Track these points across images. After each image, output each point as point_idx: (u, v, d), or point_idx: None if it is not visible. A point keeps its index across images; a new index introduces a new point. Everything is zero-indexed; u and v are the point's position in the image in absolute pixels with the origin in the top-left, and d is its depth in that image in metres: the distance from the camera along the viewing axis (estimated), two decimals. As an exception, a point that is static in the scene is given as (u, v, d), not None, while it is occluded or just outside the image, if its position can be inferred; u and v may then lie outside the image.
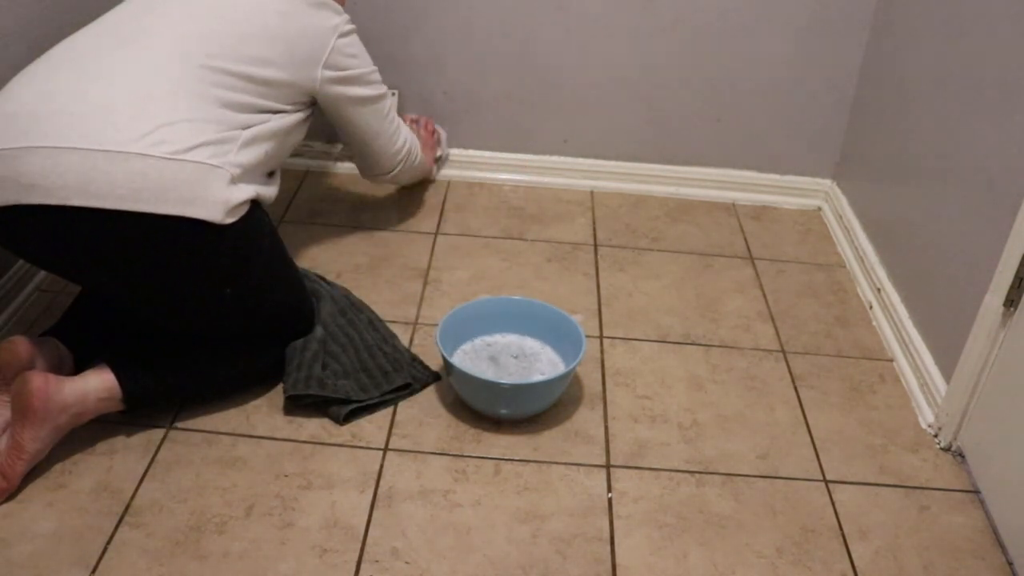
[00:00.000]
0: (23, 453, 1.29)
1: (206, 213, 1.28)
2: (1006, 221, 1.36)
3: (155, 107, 1.29)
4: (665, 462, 1.44)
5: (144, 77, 1.31)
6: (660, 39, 2.03)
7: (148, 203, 1.25)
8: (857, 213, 2.01)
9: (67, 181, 1.23)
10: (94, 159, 1.23)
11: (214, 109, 1.35)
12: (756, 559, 1.29)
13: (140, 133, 1.26)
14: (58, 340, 1.44)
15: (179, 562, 1.23)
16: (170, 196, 1.26)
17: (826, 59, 2.03)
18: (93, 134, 1.24)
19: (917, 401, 1.58)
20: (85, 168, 1.23)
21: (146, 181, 1.24)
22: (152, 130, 1.27)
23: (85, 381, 1.34)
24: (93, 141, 1.24)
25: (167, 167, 1.26)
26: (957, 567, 1.29)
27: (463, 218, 2.05)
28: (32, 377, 1.29)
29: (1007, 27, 1.43)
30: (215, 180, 1.30)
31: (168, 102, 1.30)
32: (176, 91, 1.32)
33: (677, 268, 1.93)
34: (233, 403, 1.48)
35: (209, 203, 1.29)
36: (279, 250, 1.49)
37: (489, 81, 2.11)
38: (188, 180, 1.27)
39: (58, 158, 1.23)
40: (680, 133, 2.15)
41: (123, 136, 1.25)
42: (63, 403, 1.30)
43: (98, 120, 1.26)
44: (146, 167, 1.24)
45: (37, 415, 1.28)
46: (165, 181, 1.25)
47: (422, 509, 1.33)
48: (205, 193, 1.28)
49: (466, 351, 1.60)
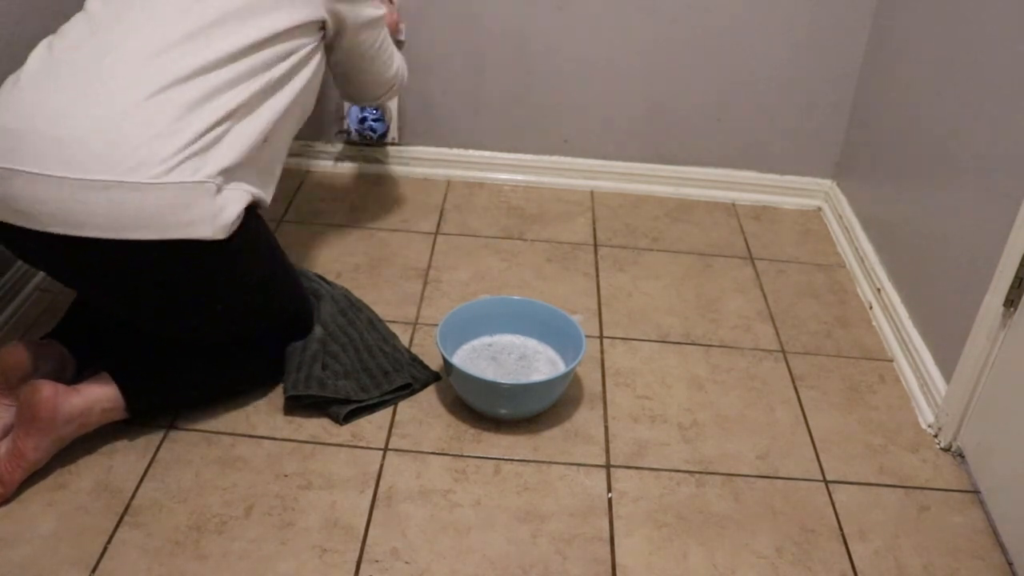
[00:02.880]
0: (23, 461, 1.29)
1: (196, 232, 1.25)
2: (1006, 221, 1.36)
3: (131, 128, 1.23)
4: (665, 462, 1.44)
5: (121, 93, 1.25)
6: (660, 39, 2.03)
7: (129, 231, 1.22)
8: (857, 213, 2.01)
9: (48, 209, 1.21)
10: (71, 189, 1.20)
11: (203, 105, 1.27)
12: (756, 559, 1.29)
13: (115, 159, 1.21)
14: (60, 343, 1.44)
15: (179, 562, 1.23)
16: (152, 222, 1.22)
17: (826, 59, 2.03)
18: (70, 162, 1.21)
19: (917, 401, 1.58)
20: (63, 197, 1.21)
21: (125, 208, 1.21)
22: (128, 154, 1.22)
23: (91, 393, 1.33)
24: (70, 169, 1.21)
25: (148, 193, 1.21)
26: (957, 567, 1.29)
27: (463, 218, 2.05)
28: (43, 387, 1.28)
29: (1007, 27, 1.43)
30: (199, 197, 1.25)
31: (144, 119, 1.24)
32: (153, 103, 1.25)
33: (677, 268, 1.93)
34: (233, 403, 1.48)
35: (197, 223, 1.25)
36: (277, 257, 1.48)
37: (489, 81, 2.11)
38: (171, 203, 1.23)
39: (37, 186, 1.21)
40: (680, 133, 2.15)
41: (100, 164, 1.21)
42: (69, 415, 1.30)
43: (75, 146, 1.22)
44: (123, 195, 1.21)
45: (44, 425, 1.28)
46: (147, 207, 1.21)
47: (422, 509, 1.33)
48: (188, 215, 1.24)
49: (466, 351, 1.60)
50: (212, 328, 1.42)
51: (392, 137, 2.18)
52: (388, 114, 2.14)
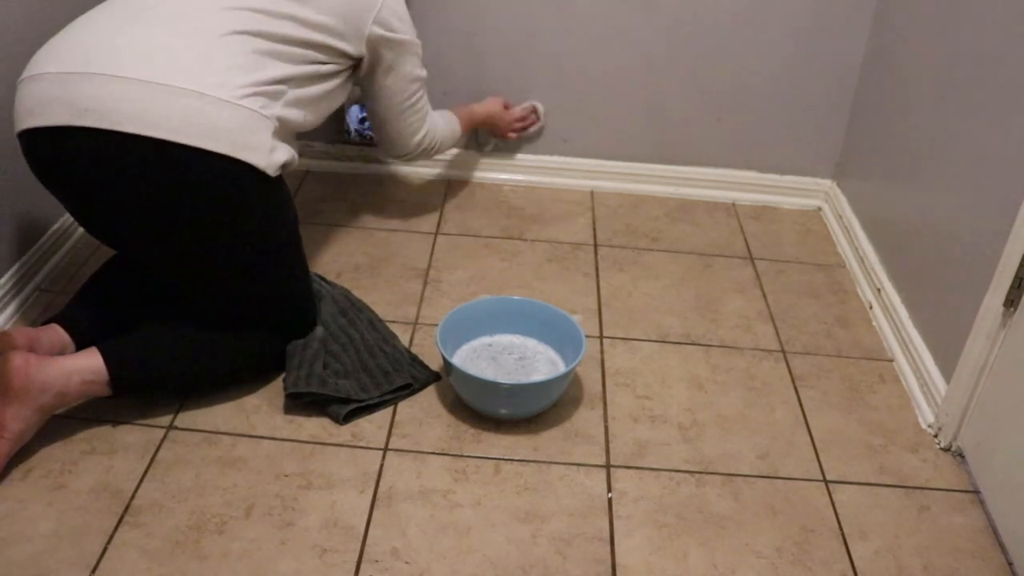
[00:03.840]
0: (5, 431, 1.29)
1: (254, 159, 1.32)
2: (1006, 221, 1.36)
3: (212, 53, 1.32)
4: (665, 462, 1.44)
5: (201, 26, 1.34)
6: (660, 39, 2.03)
7: (199, 139, 1.28)
8: (857, 213, 2.01)
9: (122, 108, 1.26)
10: (152, 91, 1.27)
11: (266, 61, 1.38)
12: (756, 559, 1.29)
13: (198, 73, 1.29)
14: (60, 326, 1.44)
15: (179, 562, 1.23)
16: (221, 136, 1.29)
17: (826, 59, 2.03)
18: (154, 69, 1.28)
19: (917, 401, 1.58)
20: (142, 97, 1.27)
21: (200, 117, 1.28)
22: (210, 72, 1.30)
23: (71, 361, 1.34)
24: (153, 75, 1.28)
25: (222, 108, 1.29)
26: (957, 567, 1.29)
27: (463, 218, 2.05)
28: (13, 356, 1.30)
29: (1007, 27, 1.43)
30: (263, 130, 1.34)
31: (223, 50, 1.33)
32: (231, 40, 1.35)
33: (677, 268, 1.93)
34: (233, 403, 1.48)
35: (257, 150, 1.33)
36: (297, 234, 1.51)
37: (489, 80, 2.11)
38: (240, 125, 1.31)
39: (115, 86, 1.27)
40: (680, 133, 2.15)
41: (183, 75, 1.28)
42: (44, 382, 1.30)
43: (160, 57, 1.30)
44: (203, 105, 1.28)
45: (18, 393, 1.29)
46: (219, 121, 1.29)
47: (422, 509, 1.33)
48: (253, 140, 1.32)
49: (466, 351, 1.60)
50: (226, 289, 1.42)
51: (392, 137, 2.19)
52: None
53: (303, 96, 1.46)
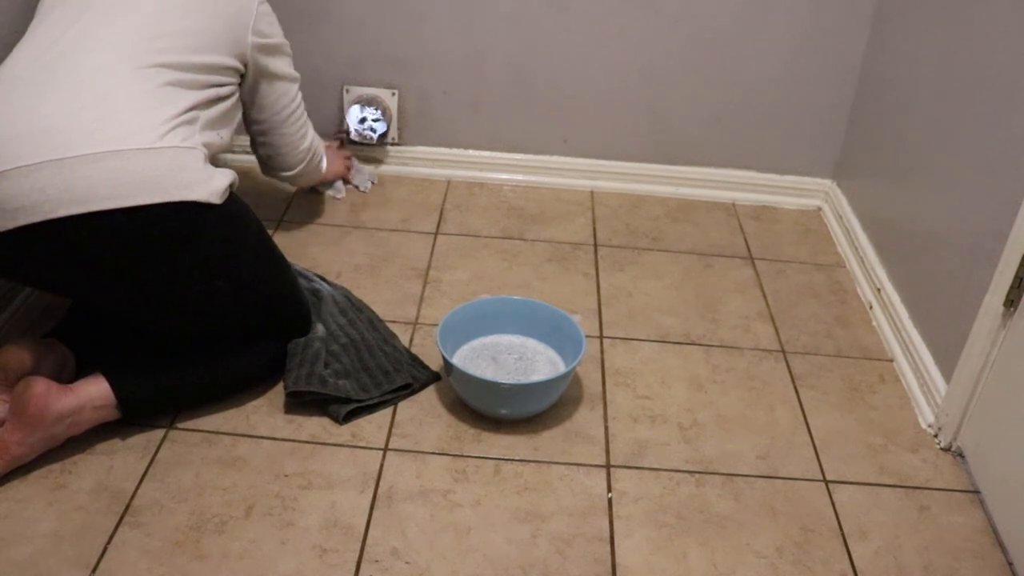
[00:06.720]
0: (5, 454, 1.29)
1: (195, 194, 1.29)
2: (1006, 221, 1.36)
3: (116, 104, 1.29)
4: (665, 462, 1.44)
5: (97, 80, 1.31)
6: (660, 39, 2.03)
7: (133, 197, 1.25)
8: (857, 213, 2.01)
9: (48, 195, 1.22)
10: (71, 167, 1.23)
11: (175, 92, 1.35)
12: (756, 559, 1.29)
13: (107, 132, 1.26)
14: (60, 342, 1.44)
15: (179, 562, 1.23)
16: (153, 186, 1.26)
17: (826, 59, 2.03)
18: (63, 144, 1.24)
19: (917, 401, 1.58)
20: (63, 177, 1.23)
21: (126, 175, 1.24)
22: (119, 126, 1.27)
23: (83, 391, 1.34)
24: (67, 149, 1.24)
25: (147, 158, 1.26)
26: (957, 567, 1.29)
27: (463, 218, 2.05)
28: (36, 383, 1.29)
29: (1007, 27, 1.43)
30: (193, 161, 1.31)
31: (127, 96, 1.30)
32: (131, 83, 1.32)
33: (677, 268, 1.93)
34: (233, 403, 1.48)
35: (194, 186, 1.29)
36: (267, 240, 1.49)
37: (489, 81, 2.11)
38: (169, 167, 1.28)
39: (34, 175, 1.22)
40: (680, 133, 2.15)
41: (96, 138, 1.25)
42: (59, 413, 1.30)
43: (64, 130, 1.25)
44: (123, 162, 1.25)
45: (31, 420, 1.29)
46: (146, 172, 1.26)
47: (422, 509, 1.33)
48: (187, 177, 1.29)
49: (466, 351, 1.60)
50: (209, 318, 1.41)
51: (392, 137, 2.19)
52: (388, 114, 2.14)
53: (212, 117, 1.44)
